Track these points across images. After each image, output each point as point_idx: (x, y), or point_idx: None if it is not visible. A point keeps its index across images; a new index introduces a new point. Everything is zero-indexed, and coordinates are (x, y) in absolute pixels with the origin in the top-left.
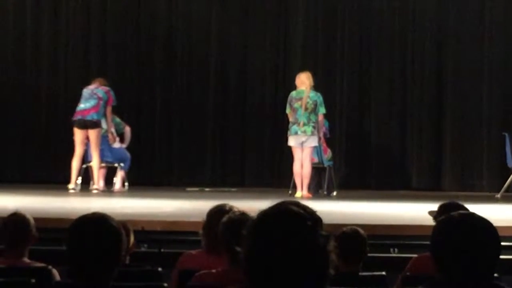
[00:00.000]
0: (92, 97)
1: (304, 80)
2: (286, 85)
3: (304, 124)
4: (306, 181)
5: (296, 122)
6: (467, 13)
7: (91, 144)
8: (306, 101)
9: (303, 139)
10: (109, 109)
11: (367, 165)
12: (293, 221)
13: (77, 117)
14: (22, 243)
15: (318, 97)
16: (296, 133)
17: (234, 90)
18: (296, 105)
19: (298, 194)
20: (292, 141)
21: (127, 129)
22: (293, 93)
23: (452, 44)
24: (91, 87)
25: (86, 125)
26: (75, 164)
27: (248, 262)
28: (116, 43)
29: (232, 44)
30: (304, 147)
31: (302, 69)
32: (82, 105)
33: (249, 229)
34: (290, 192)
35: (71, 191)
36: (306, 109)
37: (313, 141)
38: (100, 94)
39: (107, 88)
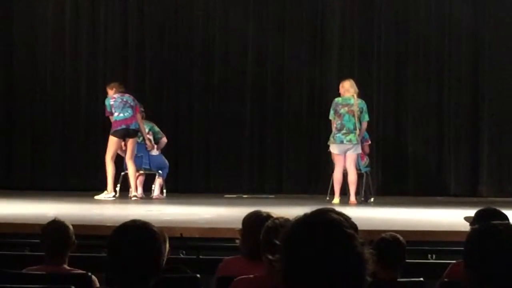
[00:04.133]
0: (125, 105)
1: (348, 88)
2: (323, 93)
3: (350, 132)
4: (353, 188)
5: (342, 129)
6: (503, 18)
7: (129, 152)
8: (356, 109)
9: (349, 147)
10: (139, 116)
11: (404, 171)
12: (334, 229)
13: (121, 126)
14: (61, 250)
15: (363, 104)
16: (341, 141)
17: (271, 97)
18: (342, 110)
19: (336, 200)
20: (336, 149)
21: (163, 140)
22: (339, 99)
23: (489, 49)
24: (116, 95)
25: (129, 134)
26: (114, 171)
27: (285, 269)
28: (154, 53)
29: (269, 53)
30: (347, 155)
31: (338, 77)
32: (121, 115)
33: (287, 236)
34: (327, 198)
35: (112, 198)
36: (355, 116)
37: (358, 149)
38: (132, 103)
39: (131, 96)
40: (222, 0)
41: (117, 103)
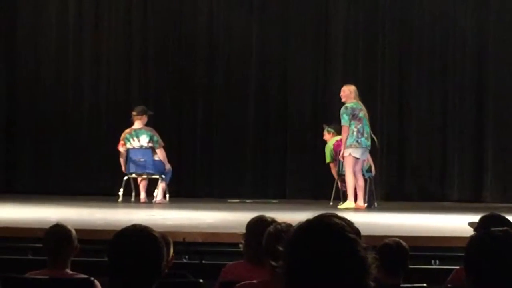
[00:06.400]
0: None
1: (355, 95)
2: (327, 97)
3: (369, 136)
4: (361, 193)
5: (364, 133)
6: (507, 26)
7: None
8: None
9: (367, 153)
10: None
11: (408, 176)
12: (336, 233)
13: None
14: (64, 255)
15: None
16: (366, 146)
17: (274, 102)
18: (361, 114)
19: (350, 204)
20: (359, 153)
21: (159, 151)
22: (352, 104)
23: (493, 56)
24: None
25: None
26: None
27: (289, 275)
28: (157, 58)
29: (273, 58)
30: (359, 159)
31: (342, 81)
32: None
33: (290, 242)
34: (331, 203)
35: None
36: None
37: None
38: None
39: None
40: (226, 3)
41: None
